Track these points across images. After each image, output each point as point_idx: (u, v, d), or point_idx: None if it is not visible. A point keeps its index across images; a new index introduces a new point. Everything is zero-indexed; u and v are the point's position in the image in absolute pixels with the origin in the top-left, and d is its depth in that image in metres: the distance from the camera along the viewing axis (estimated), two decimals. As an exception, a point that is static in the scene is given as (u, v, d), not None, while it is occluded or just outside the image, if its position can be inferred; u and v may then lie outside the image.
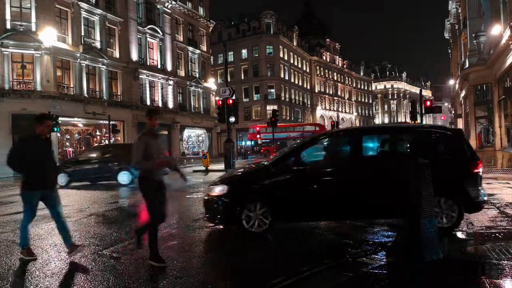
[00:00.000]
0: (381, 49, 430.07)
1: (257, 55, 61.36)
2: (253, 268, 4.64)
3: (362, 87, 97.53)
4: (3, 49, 24.63)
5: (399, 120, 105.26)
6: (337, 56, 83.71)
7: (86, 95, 28.84)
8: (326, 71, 79.67)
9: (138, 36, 34.22)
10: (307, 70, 73.64)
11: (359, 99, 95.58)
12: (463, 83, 30.65)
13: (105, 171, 15.12)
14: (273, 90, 61.29)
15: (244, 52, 62.03)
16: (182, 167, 27.51)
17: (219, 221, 6.29)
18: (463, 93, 32.26)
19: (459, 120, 40.21)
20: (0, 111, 24.02)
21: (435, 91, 48.22)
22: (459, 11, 33.25)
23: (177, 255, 5.19)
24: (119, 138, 32.08)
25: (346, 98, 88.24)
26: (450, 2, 38.07)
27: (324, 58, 78.45)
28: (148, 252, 4.74)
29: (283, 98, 62.37)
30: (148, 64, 35.55)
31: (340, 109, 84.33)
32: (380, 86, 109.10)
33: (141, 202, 4.93)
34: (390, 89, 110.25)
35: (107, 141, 29.23)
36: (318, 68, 76.78)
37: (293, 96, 66.59)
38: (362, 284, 3.96)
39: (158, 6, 37.02)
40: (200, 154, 34.20)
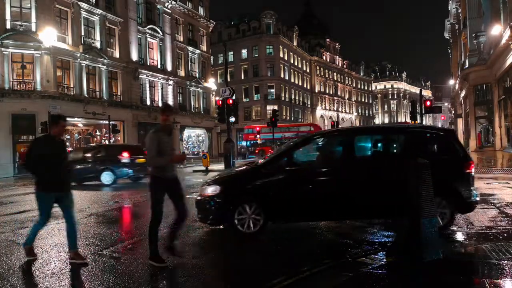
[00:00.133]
0: (381, 49, 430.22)
1: (257, 55, 61.35)
2: (253, 268, 4.64)
3: (362, 87, 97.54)
4: (3, 49, 24.63)
5: (399, 120, 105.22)
6: (337, 56, 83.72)
7: (86, 95, 28.85)
8: (326, 71, 79.66)
9: (138, 36, 34.22)
10: (307, 70, 73.63)
11: (359, 99, 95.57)
12: (463, 83, 30.63)
13: (89, 172, 15.35)
14: (273, 90, 61.28)
15: (244, 52, 62.02)
16: (182, 167, 27.49)
17: (211, 222, 6.24)
18: (463, 93, 32.25)
19: (459, 120, 40.17)
20: (0, 111, 24.02)
21: (435, 91, 48.20)
22: (459, 11, 33.23)
23: (177, 255, 5.19)
24: (119, 138, 32.07)
25: (346, 98, 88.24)
26: (450, 2, 38.05)
27: (324, 58, 78.44)
28: (149, 252, 4.74)
29: (283, 98, 62.37)
30: (148, 64, 35.55)
31: (340, 109, 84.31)
32: (380, 86, 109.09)
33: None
34: (390, 89, 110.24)
35: (107, 141, 29.23)
36: (318, 68, 76.77)
37: (293, 96, 66.57)
38: (362, 284, 3.96)
39: (158, 6, 37.02)
40: (200, 154, 34.18)
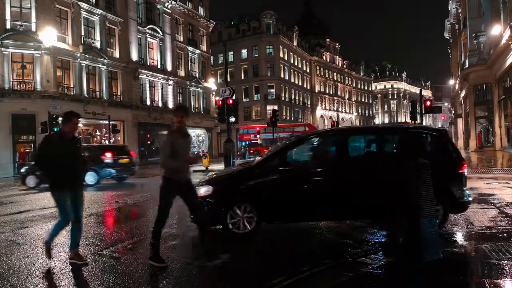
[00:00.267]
0: (381, 49, 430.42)
1: (257, 55, 61.36)
2: (253, 268, 4.64)
3: (362, 87, 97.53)
4: (3, 49, 24.63)
5: (399, 120, 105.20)
6: (337, 56, 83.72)
7: (86, 95, 28.85)
8: (326, 71, 79.67)
9: (138, 36, 34.23)
10: (307, 70, 73.63)
11: (359, 99, 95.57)
12: (463, 83, 30.64)
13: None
14: (273, 90, 61.29)
15: (244, 52, 62.03)
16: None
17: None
18: (463, 93, 32.25)
19: (459, 120, 40.18)
20: (0, 111, 24.02)
21: (435, 91, 48.16)
22: (459, 11, 33.25)
23: (177, 255, 5.19)
24: (119, 138, 32.08)
25: (346, 98, 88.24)
26: (450, 2, 38.06)
27: (324, 58, 78.44)
28: (149, 252, 4.74)
29: (283, 98, 62.37)
30: (148, 64, 35.56)
31: (340, 109, 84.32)
32: (380, 86, 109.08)
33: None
34: (390, 89, 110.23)
35: (107, 141, 29.23)
36: (318, 68, 76.77)
37: (293, 96, 66.58)
38: (362, 284, 3.96)
39: (158, 6, 37.02)
40: (200, 154, 34.18)
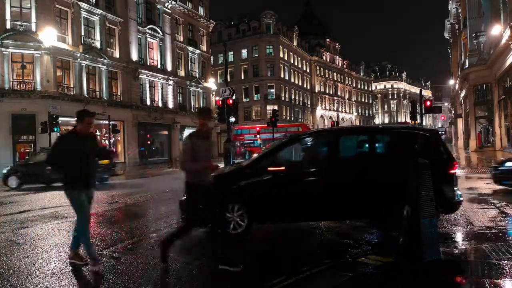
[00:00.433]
0: (381, 49, 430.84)
1: (257, 55, 61.35)
2: (253, 268, 4.64)
3: (362, 87, 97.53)
4: (3, 49, 24.61)
5: (399, 120, 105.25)
6: (337, 56, 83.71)
7: (86, 95, 28.83)
8: (326, 71, 79.66)
9: (138, 36, 34.21)
10: (307, 70, 73.62)
11: (359, 99, 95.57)
12: (463, 83, 30.63)
13: (52, 174, 15.18)
14: (273, 90, 61.28)
15: (244, 52, 62.02)
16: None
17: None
18: (463, 93, 32.25)
19: (459, 120, 40.18)
20: (0, 111, 23.99)
21: (435, 91, 48.21)
22: (459, 11, 33.23)
23: (178, 255, 5.19)
24: (119, 138, 32.07)
25: (346, 98, 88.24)
26: (450, 2, 38.05)
27: (324, 58, 78.43)
28: (160, 253, 4.68)
29: (283, 98, 62.37)
30: (148, 64, 35.53)
31: (340, 109, 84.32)
32: (380, 86, 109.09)
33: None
34: (390, 89, 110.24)
35: (107, 141, 29.22)
36: (318, 68, 76.77)
37: (293, 96, 66.57)
38: (362, 284, 3.96)
39: (158, 6, 37.00)
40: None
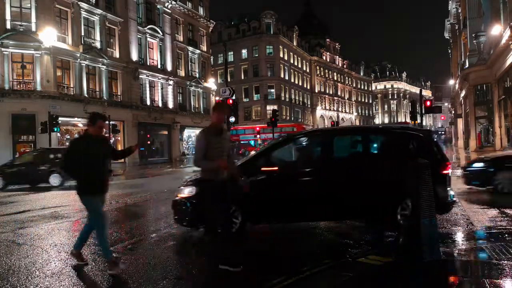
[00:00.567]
0: (381, 49, 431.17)
1: (257, 55, 61.35)
2: (253, 268, 4.64)
3: (362, 87, 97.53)
4: (3, 49, 24.60)
5: (399, 120, 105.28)
6: (337, 56, 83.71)
7: (86, 95, 28.83)
8: (326, 71, 79.66)
9: (138, 36, 34.20)
10: (307, 70, 73.62)
11: (359, 99, 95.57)
12: (463, 83, 30.63)
13: (38, 174, 15.66)
14: (273, 90, 61.28)
15: (244, 52, 62.02)
16: (182, 167, 27.48)
17: (188, 223, 6.11)
18: (463, 93, 32.25)
19: (459, 120, 40.18)
20: (0, 111, 24.00)
21: (435, 91, 48.14)
22: (459, 11, 33.23)
23: (178, 255, 5.19)
24: (119, 138, 32.07)
25: (346, 98, 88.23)
26: (450, 2, 38.05)
27: (324, 58, 78.44)
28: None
29: (283, 98, 62.37)
30: (148, 64, 35.53)
31: (340, 109, 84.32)
32: (380, 86, 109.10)
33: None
34: (390, 89, 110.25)
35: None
36: (318, 68, 76.77)
37: (293, 96, 66.57)
38: (362, 284, 3.96)
39: (158, 6, 37.00)
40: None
